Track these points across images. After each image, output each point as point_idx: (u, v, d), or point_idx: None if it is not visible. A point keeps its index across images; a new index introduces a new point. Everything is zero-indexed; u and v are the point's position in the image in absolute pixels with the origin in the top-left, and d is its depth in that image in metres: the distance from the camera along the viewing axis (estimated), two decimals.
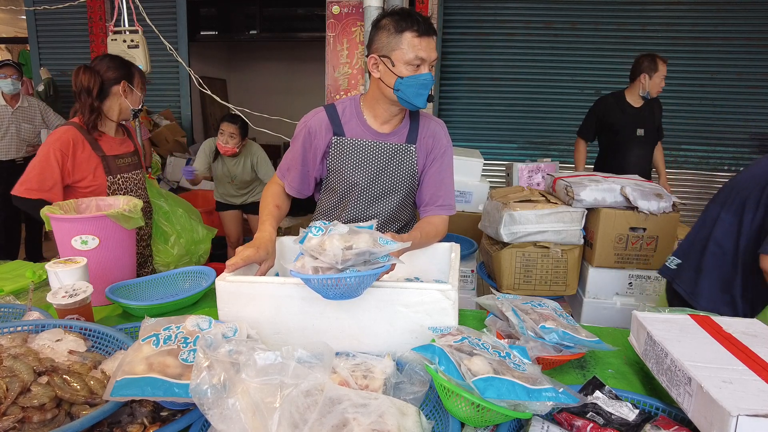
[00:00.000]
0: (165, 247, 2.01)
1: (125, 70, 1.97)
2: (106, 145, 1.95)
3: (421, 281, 1.54)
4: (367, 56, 1.50)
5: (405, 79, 1.41)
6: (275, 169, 1.73)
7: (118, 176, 1.95)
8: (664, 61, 3.49)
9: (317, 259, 1.00)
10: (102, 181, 1.90)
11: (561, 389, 0.89)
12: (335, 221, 1.10)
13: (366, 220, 1.60)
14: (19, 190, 1.80)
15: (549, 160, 3.34)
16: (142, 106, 2.06)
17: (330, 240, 1.00)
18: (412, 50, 1.39)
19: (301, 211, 4.62)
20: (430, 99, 1.47)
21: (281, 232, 2.78)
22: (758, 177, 1.58)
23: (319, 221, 1.10)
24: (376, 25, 1.45)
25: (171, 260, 1.97)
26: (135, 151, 2.10)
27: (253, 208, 3.89)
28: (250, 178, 3.74)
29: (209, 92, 3.74)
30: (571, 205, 2.00)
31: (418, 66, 1.40)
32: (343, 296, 1.04)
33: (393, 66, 1.41)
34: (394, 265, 1.12)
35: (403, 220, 1.70)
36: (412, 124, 1.59)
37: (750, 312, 1.61)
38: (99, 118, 1.92)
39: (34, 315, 1.20)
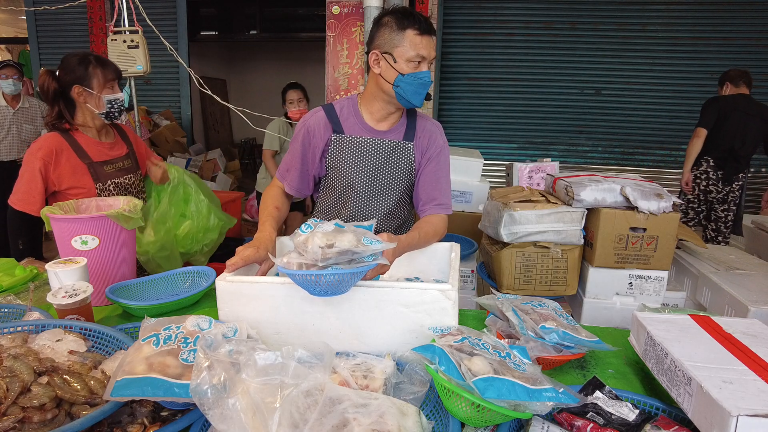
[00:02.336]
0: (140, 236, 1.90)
1: (79, 72, 1.81)
2: (94, 151, 1.88)
3: (421, 281, 1.54)
4: (367, 53, 1.53)
5: (406, 76, 1.44)
6: None
7: (108, 182, 1.89)
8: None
9: (302, 255, 1.01)
10: (91, 189, 1.84)
11: (561, 389, 0.89)
12: (324, 220, 1.10)
13: (364, 217, 1.62)
14: (12, 200, 1.78)
15: (549, 160, 3.34)
16: (122, 107, 1.91)
17: (312, 238, 1.01)
18: (414, 48, 1.42)
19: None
20: (427, 98, 1.49)
21: (281, 232, 2.77)
22: None
23: (311, 219, 1.11)
24: (378, 22, 1.48)
25: (148, 248, 1.88)
26: (129, 154, 2.02)
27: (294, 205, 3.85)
28: None
29: (210, 92, 3.74)
30: (571, 205, 2.00)
31: (418, 63, 1.44)
32: (327, 293, 1.06)
33: (395, 62, 1.44)
34: (385, 266, 1.12)
35: (401, 218, 1.71)
36: (409, 122, 1.62)
37: None
38: (62, 122, 1.84)
39: (35, 315, 1.20)
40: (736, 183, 3.73)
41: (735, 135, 3.65)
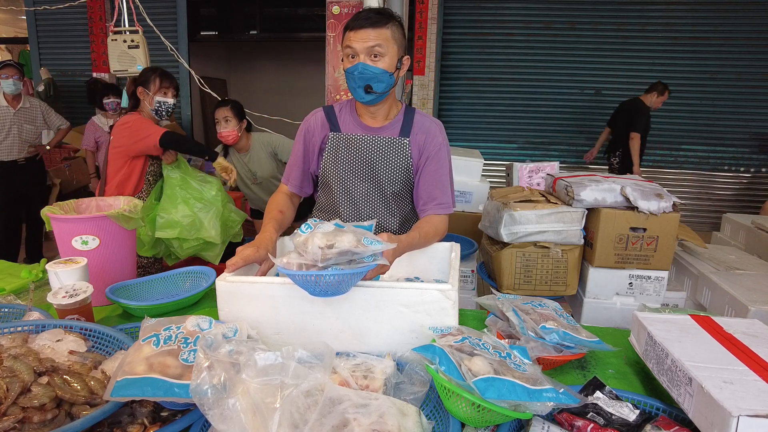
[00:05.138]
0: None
1: (143, 76, 2.55)
2: None
3: (422, 281, 1.54)
4: None
5: (345, 72, 1.48)
6: None
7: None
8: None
9: (302, 255, 1.01)
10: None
11: (561, 389, 0.89)
12: (323, 220, 1.10)
13: (363, 214, 1.62)
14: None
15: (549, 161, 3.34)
16: (168, 106, 2.56)
17: (312, 238, 1.01)
18: (346, 43, 1.46)
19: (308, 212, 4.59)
20: (367, 90, 1.45)
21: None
22: None
23: (310, 219, 1.11)
24: None
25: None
26: None
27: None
28: (275, 172, 3.41)
29: (211, 92, 3.74)
30: (571, 205, 2.00)
31: (352, 58, 1.45)
32: (327, 293, 1.06)
33: (342, 62, 1.51)
34: (385, 266, 1.12)
35: (401, 215, 1.69)
36: (406, 119, 1.61)
37: None
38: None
39: (35, 315, 1.20)
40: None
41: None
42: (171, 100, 2.57)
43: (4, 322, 1.25)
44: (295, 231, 1.08)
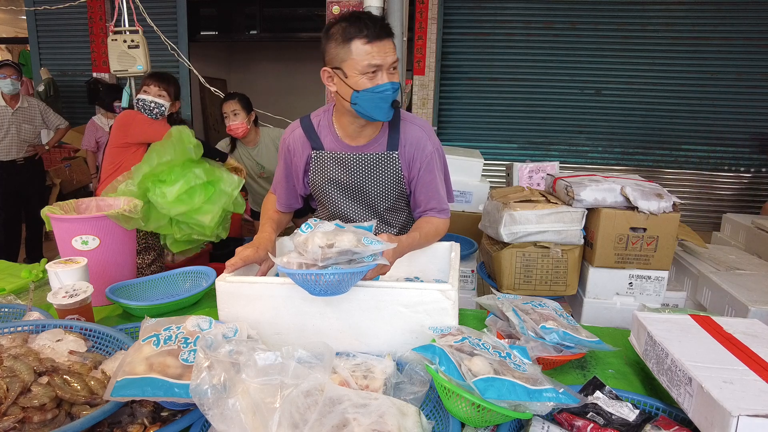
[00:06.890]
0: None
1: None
2: None
3: (421, 281, 1.54)
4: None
5: (361, 92, 1.30)
6: None
7: None
8: None
9: (302, 255, 1.01)
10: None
11: (561, 389, 0.89)
12: (324, 221, 1.10)
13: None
14: None
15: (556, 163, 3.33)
16: (151, 107, 2.55)
17: (312, 238, 1.02)
18: (364, 58, 1.27)
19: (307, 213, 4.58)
20: (395, 105, 1.33)
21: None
22: None
23: (311, 219, 1.11)
24: (326, 34, 1.33)
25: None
26: None
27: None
28: None
29: (217, 91, 3.73)
30: (571, 205, 2.00)
31: (374, 74, 1.29)
32: (327, 292, 1.06)
33: (346, 78, 1.31)
34: (386, 266, 1.12)
35: (397, 225, 1.67)
36: (391, 131, 1.48)
37: None
38: None
39: (35, 315, 1.20)
40: None
41: None
42: (149, 98, 2.53)
43: (4, 322, 1.25)
44: (296, 231, 1.08)
